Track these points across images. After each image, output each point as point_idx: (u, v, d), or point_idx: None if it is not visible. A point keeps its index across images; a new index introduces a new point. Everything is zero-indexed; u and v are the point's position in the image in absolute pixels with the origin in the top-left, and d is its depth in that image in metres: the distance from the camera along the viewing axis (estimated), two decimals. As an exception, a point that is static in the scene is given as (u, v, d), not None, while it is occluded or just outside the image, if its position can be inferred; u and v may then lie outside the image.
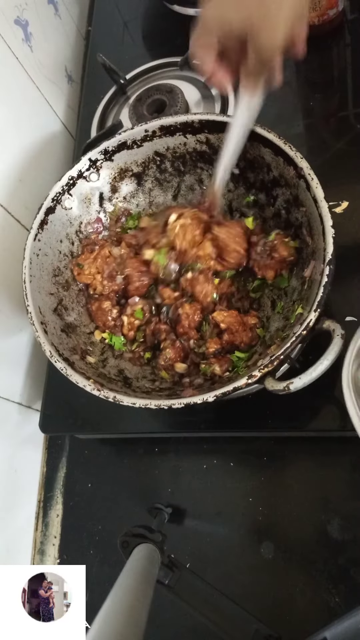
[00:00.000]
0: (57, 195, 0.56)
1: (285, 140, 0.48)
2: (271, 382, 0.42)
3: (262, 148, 0.51)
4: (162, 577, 0.44)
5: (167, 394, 0.50)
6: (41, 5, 0.75)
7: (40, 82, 0.72)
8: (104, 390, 0.45)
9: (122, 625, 0.36)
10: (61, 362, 0.47)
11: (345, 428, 0.50)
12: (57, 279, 0.56)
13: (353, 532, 0.53)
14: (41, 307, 0.52)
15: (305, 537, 0.54)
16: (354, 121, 0.63)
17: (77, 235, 0.59)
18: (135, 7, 0.86)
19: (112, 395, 0.45)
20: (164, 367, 0.53)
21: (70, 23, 0.86)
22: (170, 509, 0.58)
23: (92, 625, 0.35)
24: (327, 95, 0.67)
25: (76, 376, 0.46)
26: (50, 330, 0.51)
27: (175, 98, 0.68)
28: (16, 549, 0.63)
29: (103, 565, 0.60)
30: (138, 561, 0.43)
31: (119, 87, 0.76)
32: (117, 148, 0.57)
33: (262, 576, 0.54)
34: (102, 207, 0.60)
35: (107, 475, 0.65)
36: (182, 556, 0.56)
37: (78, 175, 0.57)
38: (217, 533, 0.58)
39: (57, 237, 0.57)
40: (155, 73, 0.76)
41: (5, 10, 0.64)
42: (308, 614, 0.52)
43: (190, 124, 0.54)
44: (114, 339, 0.56)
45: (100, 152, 0.57)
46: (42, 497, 0.67)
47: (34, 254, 0.53)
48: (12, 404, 0.64)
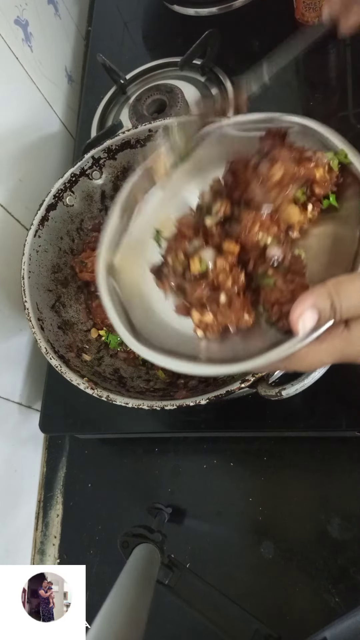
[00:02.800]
0: (58, 192, 0.56)
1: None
2: (264, 387, 0.42)
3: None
4: (162, 577, 0.44)
5: (160, 395, 0.50)
6: (41, 5, 0.75)
7: (40, 82, 0.72)
8: (98, 389, 0.45)
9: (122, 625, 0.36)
10: (56, 360, 0.47)
11: (345, 428, 0.51)
12: (56, 276, 0.56)
13: (353, 532, 0.53)
14: (39, 303, 0.52)
15: (305, 537, 0.54)
16: (353, 121, 0.63)
17: (78, 233, 0.59)
18: (135, 7, 0.86)
19: (106, 394, 0.45)
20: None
21: (70, 23, 0.86)
22: (170, 509, 0.58)
23: (92, 625, 0.35)
24: (327, 95, 0.67)
25: (70, 374, 0.47)
26: (47, 327, 0.51)
27: (175, 98, 0.68)
28: (16, 548, 0.63)
29: (103, 565, 0.60)
30: (138, 561, 0.43)
31: (119, 87, 0.76)
32: (120, 147, 0.57)
33: (262, 576, 0.54)
34: (104, 205, 0.60)
35: (107, 475, 0.65)
36: (182, 556, 0.56)
37: (80, 172, 0.57)
38: (217, 533, 0.58)
39: (58, 234, 0.57)
40: (155, 73, 0.76)
41: (5, 10, 0.64)
42: (308, 613, 0.52)
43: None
44: (110, 337, 0.56)
45: (103, 150, 0.57)
46: (42, 497, 0.67)
47: (34, 250, 0.53)
48: (12, 404, 0.63)
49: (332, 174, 0.35)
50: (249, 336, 0.35)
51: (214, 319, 0.35)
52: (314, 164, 0.35)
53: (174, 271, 0.37)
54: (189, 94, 0.71)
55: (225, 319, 0.34)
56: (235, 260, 0.35)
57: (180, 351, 0.35)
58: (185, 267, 0.36)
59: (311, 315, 0.29)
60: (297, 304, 0.29)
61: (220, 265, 0.35)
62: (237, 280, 0.35)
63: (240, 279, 0.35)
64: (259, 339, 0.34)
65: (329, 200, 0.36)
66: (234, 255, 0.35)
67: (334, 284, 0.29)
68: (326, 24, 0.46)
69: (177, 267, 0.37)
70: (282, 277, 0.34)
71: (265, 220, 0.35)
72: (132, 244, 0.42)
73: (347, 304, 0.29)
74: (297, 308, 0.29)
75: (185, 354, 0.35)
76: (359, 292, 0.29)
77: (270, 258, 0.34)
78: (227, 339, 0.35)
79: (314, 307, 0.29)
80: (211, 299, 0.35)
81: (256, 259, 0.35)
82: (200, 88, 0.72)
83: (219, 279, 0.35)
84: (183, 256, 0.36)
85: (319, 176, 0.34)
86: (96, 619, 0.36)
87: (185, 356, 0.35)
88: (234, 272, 0.35)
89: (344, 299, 0.29)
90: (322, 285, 0.29)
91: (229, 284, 0.34)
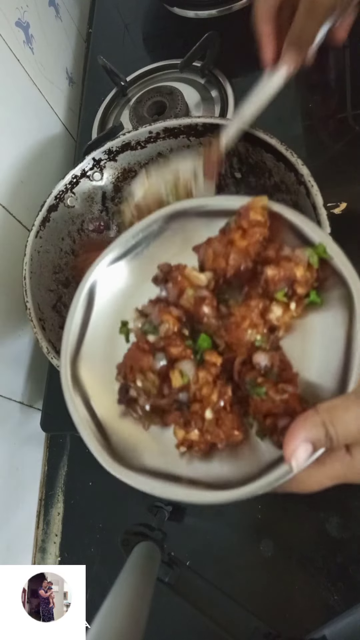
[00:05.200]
0: (60, 194, 0.56)
1: (287, 147, 0.48)
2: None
3: (265, 153, 0.51)
4: (162, 574, 0.44)
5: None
6: (42, 8, 0.76)
7: (41, 84, 0.72)
8: None
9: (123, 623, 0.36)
10: (58, 359, 0.48)
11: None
12: (58, 276, 0.56)
13: (352, 530, 0.53)
14: (40, 303, 0.52)
15: (305, 535, 0.54)
16: (352, 123, 0.64)
17: (79, 234, 0.59)
18: (135, 9, 0.86)
19: None
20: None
21: (71, 25, 0.86)
22: (171, 507, 0.58)
23: (93, 624, 0.36)
24: (325, 97, 0.67)
25: None
26: (48, 327, 0.51)
27: (176, 100, 0.69)
28: (17, 546, 0.63)
29: (103, 563, 0.60)
30: (138, 559, 0.43)
31: (119, 89, 0.76)
32: (120, 148, 0.58)
33: (261, 574, 0.55)
34: (105, 207, 0.61)
35: (108, 474, 0.65)
36: (182, 554, 0.56)
37: (81, 174, 0.58)
38: (216, 531, 0.58)
39: (59, 234, 0.57)
40: (155, 75, 0.77)
41: (6, 12, 0.64)
42: (307, 611, 0.52)
43: (194, 127, 0.55)
44: None
45: (104, 152, 0.57)
46: (44, 496, 0.67)
47: (35, 251, 0.54)
48: (13, 402, 0.64)
49: (313, 271, 0.33)
50: (239, 451, 0.32)
51: (200, 436, 0.32)
52: (294, 263, 0.33)
53: (147, 393, 0.33)
54: (189, 96, 0.71)
55: (214, 437, 0.31)
56: (218, 372, 0.32)
57: (163, 470, 0.32)
58: (157, 386, 0.33)
59: (305, 448, 0.27)
60: (289, 437, 0.27)
61: (203, 377, 0.32)
62: (224, 393, 0.32)
63: (227, 392, 0.32)
64: (250, 454, 0.31)
65: (310, 297, 0.33)
66: (217, 367, 0.32)
67: (327, 411, 0.27)
68: (286, 70, 0.44)
69: (149, 387, 0.33)
70: (272, 385, 0.31)
71: (256, 317, 0.33)
72: (96, 346, 0.37)
73: (344, 432, 0.27)
74: (290, 442, 0.27)
75: (169, 474, 0.32)
76: (354, 418, 0.27)
77: (258, 365, 0.32)
78: (214, 455, 0.32)
79: (307, 440, 0.27)
80: (196, 414, 0.32)
81: (241, 366, 0.32)
82: (200, 90, 0.72)
83: (202, 392, 0.32)
84: (153, 374, 0.33)
85: (300, 275, 0.32)
86: (96, 618, 0.36)
87: (169, 477, 0.32)
88: (218, 384, 0.32)
89: (339, 426, 0.27)
90: (314, 412, 0.28)
91: (214, 397, 0.31)
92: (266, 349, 0.32)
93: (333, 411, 0.27)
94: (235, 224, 0.35)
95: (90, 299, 0.38)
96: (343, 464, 0.29)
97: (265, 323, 0.33)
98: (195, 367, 0.32)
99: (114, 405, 0.35)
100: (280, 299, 0.33)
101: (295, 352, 0.33)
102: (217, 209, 0.38)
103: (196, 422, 0.32)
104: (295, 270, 0.32)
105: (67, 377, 0.35)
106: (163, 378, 0.33)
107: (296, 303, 0.33)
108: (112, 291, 0.39)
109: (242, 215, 0.35)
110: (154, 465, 0.33)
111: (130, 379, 0.33)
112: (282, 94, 0.69)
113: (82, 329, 0.37)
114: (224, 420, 0.31)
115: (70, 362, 0.36)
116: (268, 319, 0.33)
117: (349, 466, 0.29)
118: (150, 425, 0.34)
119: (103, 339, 0.37)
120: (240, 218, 0.35)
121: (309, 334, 0.33)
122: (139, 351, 0.33)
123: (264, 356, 0.32)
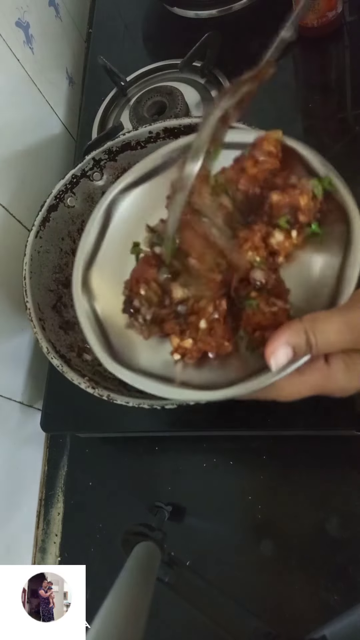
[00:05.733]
0: (60, 193, 0.56)
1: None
2: None
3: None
4: (162, 574, 0.45)
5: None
6: (42, 8, 0.76)
7: (41, 84, 0.72)
8: (99, 388, 0.46)
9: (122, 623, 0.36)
10: (57, 359, 0.48)
11: (345, 427, 0.51)
12: (58, 276, 0.56)
13: (352, 530, 0.53)
14: (40, 303, 0.52)
15: (304, 535, 0.54)
16: (352, 123, 0.64)
17: (79, 234, 0.59)
18: (135, 9, 0.86)
19: (107, 393, 0.45)
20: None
21: (71, 25, 0.86)
22: (171, 507, 0.58)
23: (93, 624, 0.36)
24: (326, 97, 0.67)
25: (71, 373, 0.47)
26: (48, 327, 0.51)
27: (175, 100, 0.68)
28: (17, 547, 0.63)
29: (103, 563, 0.60)
30: (138, 559, 0.44)
31: (119, 89, 0.76)
32: (120, 148, 0.57)
33: (261, 574, 0.55)
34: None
35: (108, 474, 0.65)
36: (182, 554, 0.56)
37: (82, 174, 0.57)
38: (216, 531, 0.58)
39: (59, 234, 0.57)
40: (155, 75, 0.77)
41: (6, 13, 0.64)
42: (307, 612, 0.52)
43: (195, 127, 0.54)
44: None
45: (104, 152, 0.57)
46: (44, 496, 0.67)
47: (35, 251, 0.54)
48: (13, 403, 0.64)
49: (316, 202, 0.34)
50: (228, 362, 0.34)
51: (193, 344, 0.34)
52: (299, 191, 0.34)
53: (149, 302, 0.35)
54: (188, 96, 0.71)
55: (205, 345, 0.34)
56: (217, 288, 0.34)
57: (158, 373, 0.35)
58: (159, 296, 0.35)
59: (285, 351, 0.29)
60: (272, 340, 0.29)
61: (202, 291, 0.34)
62: (219, 306, 0.34)
63: (222, 305, 0.34)
64: (238, 365, 0.34)
65: (311, 227, 0.35)
66: (216, 282, 0.34)
67: (310, 320, 0.29)
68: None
69: (152, 297, 0.35)
70: (264, 300, 0.33)
71: (257, 241, 0.34)
72: (108, 260, 0.40)
73: (323, 341, 0.29)
74: (271, 344, 0.29)
75: (163, 376, 0.34)
76: (335, 329, 0.29)
77: (253, 281, 0.34)
78: (205, 364, 0.35)
79: (288, 344, 0.29)
80: (192, 325, 0.34)
81: (238, 282, 0.34)
82: (200, 90, 0.72)
83: (199, 305, 0.34)
84: (156, 285, 0.35)
85: (304, 204, 0.34)
86: (96, 618, 0.36)
87: (163, 378, 0.34)
88: (215, 297, 0.34)
89: (320, 335, 0.29)
90: (298, 321, 0.29)
91: (210, 309, 0.34)
92: (264, 269, 0.34)
93: (316, 321, 0.29)
94: (248, 154, 0.37)
95: (106, 218, 0.41)
96: (321, 374, 0.30)
97: (267, 247, 0.35)
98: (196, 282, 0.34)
99: (118, 315, 0.37)
100: (282, 225, 0.34)
101: (291, 282, 0.35)
102: (233, 142, 0.39)
103: (191, 332, 0.34)
104: (299, 198, 0.34)
105: (77, 280, 0.39)
106: (165, 291, 0.35)
107: (297, 231, 0.35)
108: (127, 213, 0.42)
109: (256, 146, 0.37)
110: (149, 368, 0.35)
111: (135, 291, 0.36)
112: (282, 94, 0.69)
113: (97, 245, 0.41)
114: (216, 330, 0.34)
115: (83, 268, 0.39)
116: (269, 242, 0.35)
117: (327, 376, 0.30)
118: (151, 336, 0.36)
119: (114, 257, 0.40)
120: (253, 148, 0.37)
121: (305, 266, 0.35)
122: (146, 265, 0.36)
123: (260, 273, 0.34)
